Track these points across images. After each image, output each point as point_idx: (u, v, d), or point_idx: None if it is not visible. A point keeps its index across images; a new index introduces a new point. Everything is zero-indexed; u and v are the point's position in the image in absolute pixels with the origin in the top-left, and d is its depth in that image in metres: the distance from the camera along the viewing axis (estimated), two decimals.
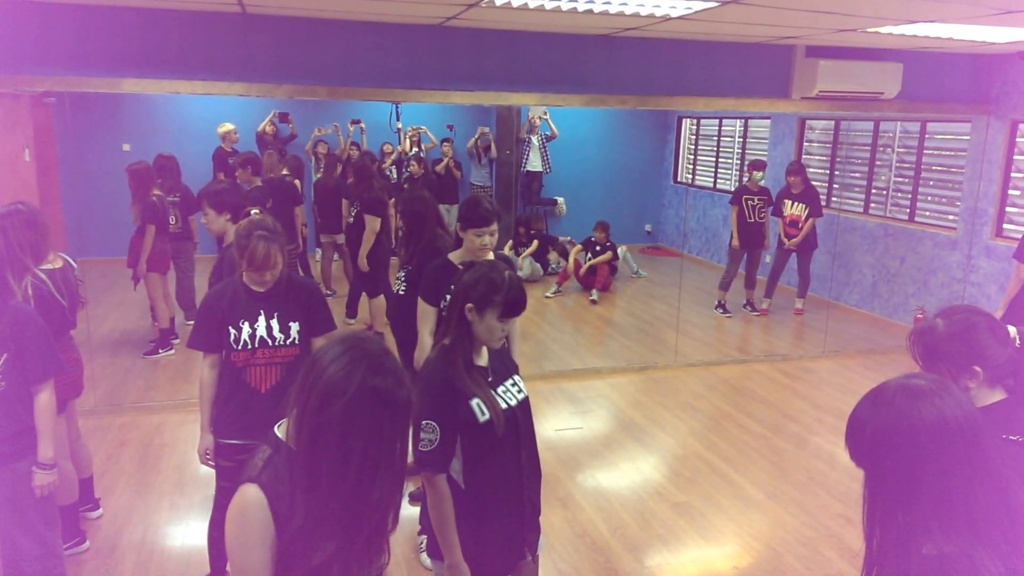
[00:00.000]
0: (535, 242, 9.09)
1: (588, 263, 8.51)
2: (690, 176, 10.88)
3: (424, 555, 3.42)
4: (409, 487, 3.90)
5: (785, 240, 7.58)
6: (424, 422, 2.02)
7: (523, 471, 2.17)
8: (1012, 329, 1.74)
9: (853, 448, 1.29)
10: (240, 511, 1.41)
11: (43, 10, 4.41)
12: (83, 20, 4.47)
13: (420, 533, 3.52)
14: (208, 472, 3.04)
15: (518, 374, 2.29)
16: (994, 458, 1.22)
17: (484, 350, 2.19)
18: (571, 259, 8.67)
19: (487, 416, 2.07)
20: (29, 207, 3.16)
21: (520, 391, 2.23)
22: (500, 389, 2.17)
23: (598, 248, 8.60)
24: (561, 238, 9.46)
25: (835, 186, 8.28)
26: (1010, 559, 1.19)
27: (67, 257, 3.43)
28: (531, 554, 2.23)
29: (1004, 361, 1.71)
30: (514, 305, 2.10)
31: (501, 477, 2.12)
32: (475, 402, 2.07)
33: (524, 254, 8.97)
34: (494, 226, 3.12)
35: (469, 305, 2.08)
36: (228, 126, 8.08)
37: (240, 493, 1.43)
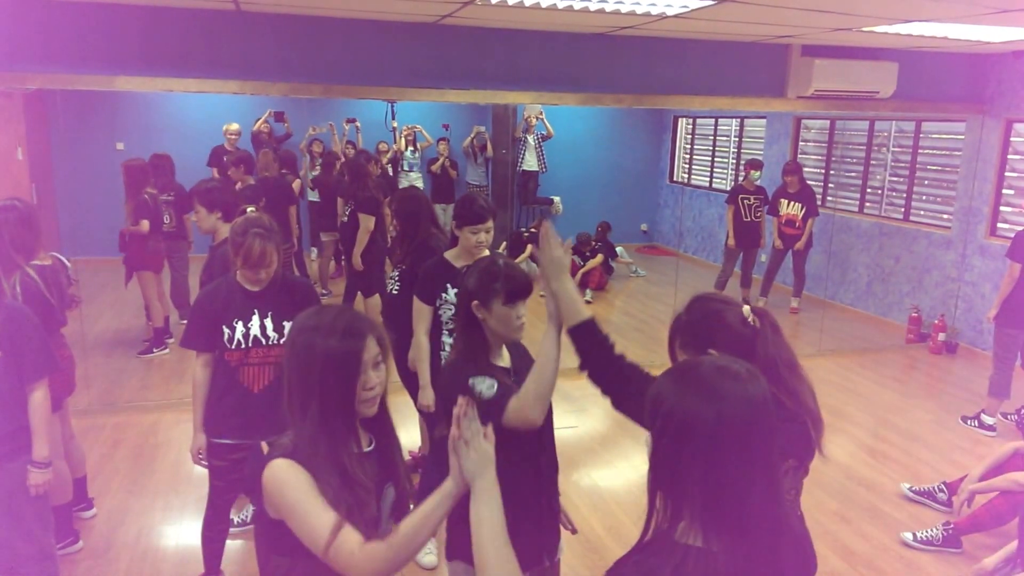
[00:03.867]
0: (529, 247, 9.07)
1: (580, 271, 8.51)
2: (686, 175, 10.88)
3: (423, 556, 3.39)
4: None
5: (778, 240, 7.59)
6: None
7: (542, 474, 2.12)
8: (746, 309, 1.85)
9: (658, 426, 1.18)
10: (281, 476, 1.43)
11: (35, 7, 4.38)
12: (76, 17, 4.45)
13: None
14: (203, 472, 3.02)
15: None
16: (774, 459, 1.17)
17: (504, 352, 2.14)
18: None
19: None
20: (24, 204, 3.15)
21: None
22: None
23: (587, 253, 8.61)
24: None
25: (831, 185, 8.29)
26: (774, 567, 1.15)
27: (60, 256, 3.41)
28: (548, 559, 2.18)
29: (739, 343, 1.78)
30: (516, 286, 2.07)
31: (519, 480, 2.05)
32: None
33: (519, 260, 8.91)
34: (489, 223, 3.12)
35: (475, 302, 2.05)
36: (234, 126, 7.99)
37: (272, 466, 1.44)
